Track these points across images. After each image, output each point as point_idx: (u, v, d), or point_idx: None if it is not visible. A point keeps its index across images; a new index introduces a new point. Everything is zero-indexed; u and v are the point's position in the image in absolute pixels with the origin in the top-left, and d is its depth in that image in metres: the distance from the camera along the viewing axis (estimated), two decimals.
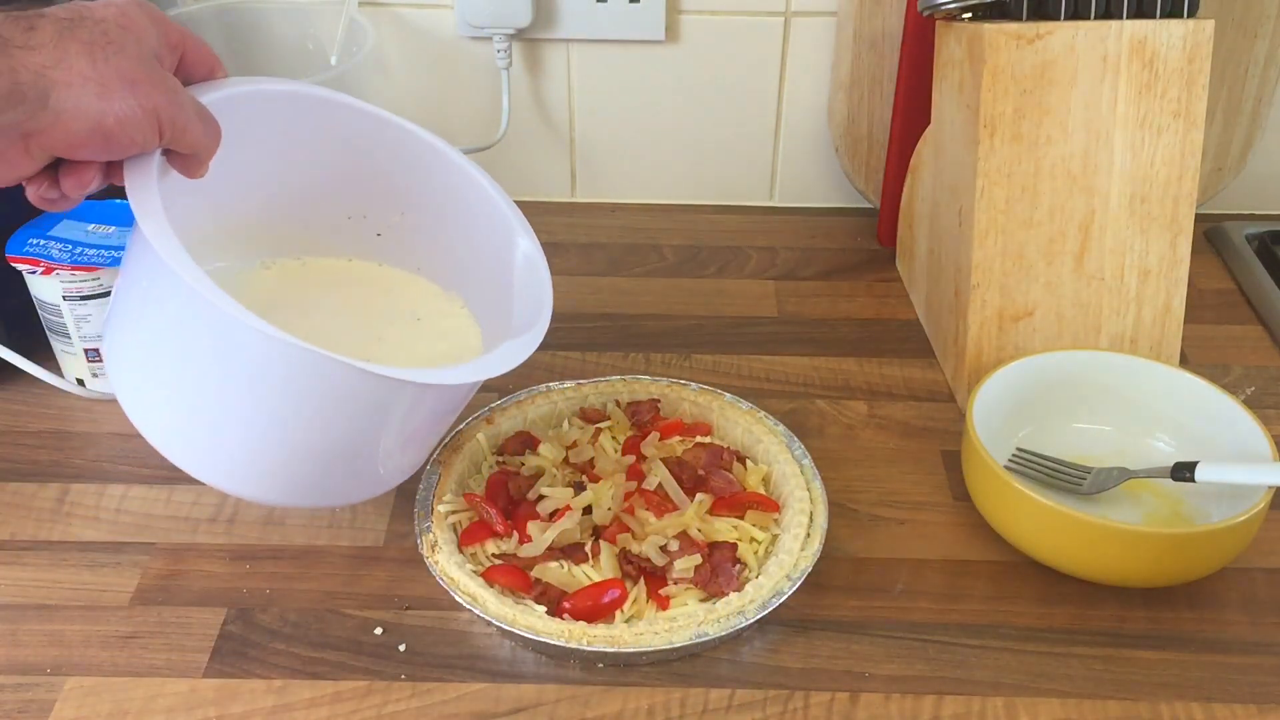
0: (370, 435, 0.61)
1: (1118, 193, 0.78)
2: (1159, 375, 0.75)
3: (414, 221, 0.75)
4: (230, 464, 0.61)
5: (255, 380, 0.57)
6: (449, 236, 0.75)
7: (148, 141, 0.53)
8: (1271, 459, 0.67)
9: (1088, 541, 0.64)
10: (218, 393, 0.58)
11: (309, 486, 0.63)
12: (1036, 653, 0.64)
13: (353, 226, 0.75)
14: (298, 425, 0.59)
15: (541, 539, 0.66)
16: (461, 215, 0.73)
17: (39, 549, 0.70)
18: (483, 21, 0.98)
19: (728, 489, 0.70)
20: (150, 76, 0.52)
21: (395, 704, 0.60)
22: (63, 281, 0.76)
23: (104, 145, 0.51)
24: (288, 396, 0.57)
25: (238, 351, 0.56)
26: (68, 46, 0.48)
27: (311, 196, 0.73)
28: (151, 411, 0.61)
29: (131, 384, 0.61)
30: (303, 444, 0.60)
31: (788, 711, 0.60)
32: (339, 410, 0.59)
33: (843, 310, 0.94)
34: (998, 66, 0.75)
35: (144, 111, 0.51)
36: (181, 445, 0.61)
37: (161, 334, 0.59)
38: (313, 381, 0.57)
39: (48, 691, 0.61)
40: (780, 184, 1.09)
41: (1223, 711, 0.60)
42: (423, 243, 0.76)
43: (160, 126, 0.52)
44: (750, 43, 1.01)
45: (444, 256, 0.76)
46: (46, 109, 0.48)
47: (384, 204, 0.74)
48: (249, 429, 0.59)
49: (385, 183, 0.73)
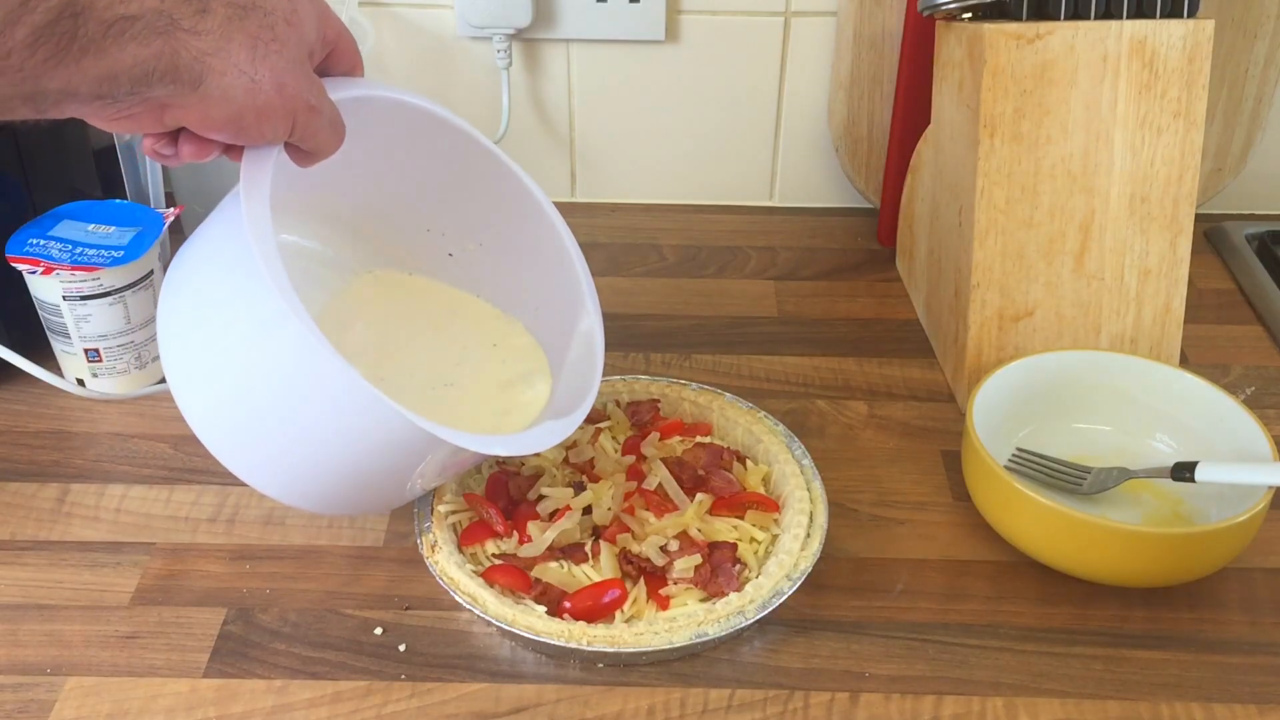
0: (418, 471, 0.62)
1: (1118, 193, 0.78)
2: (1159, 375, 0.75)
3: (489, 256, 0.75)
4: (274, 475, 0.61)
5: (327, 414, 0.57)
6: (519, 283, 0.75)
7: (276, 138, 0.54)
8: (1271, 459, 0.67)
9: (1088, 541, 0.64)
10: (287, 412, 0.58)
11: (338, 503, 0.64)
12: (1036, 653, 0.64)
13: (429, 241, 0.75)
14: (351, 456, 0.59)
15: (541, 539, 0.66)
16: (537, 267, 0.73)
17: (39, 549, 0.70)
18: (483, 21, 0.98)
19: (728, 489, 0.70)
20: (299, 80, 0.52)
21: (395, 704, 0.60)
22: (63, 281, 0.76)
23: (235, 134, 0.52)
24: (353, 434, 0.58)
25: (320, 389, 0.56)
26: (233, 36, 0.49)
27: (398, 206, 0.73)
28: (204, 402, 0.60)
29: (185, 370, 0.60)
30: (351, 471, 0.60)
31: (788, 711, 0.60)
32: (398, 453, 0.59)
33: (843, 310, 0.94)
34: (998, 66, 0.75)
35: (283, 113, 0.52)
36: (229, 444, 0.61)
37: (240, 337, 0.58)
38: (385, 432, 0.57)
39: (48, 691, 0.61)
40: (780, 184, 1.09)
41: (1223, 711, 0.60)
42: (489, 278, 0.76)
43: (293, 127, 0.53)
44: (750, 43, 1.01)
45: (506, 299, 0.76)
46: (196, 92, 0.48)
47: (465, 229, 0.74)
48: (304, 449, 0.59)
49: (473, 211, 0.73)
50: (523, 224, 0.72)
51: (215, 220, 0.60)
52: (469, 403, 0.71)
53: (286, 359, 0.56)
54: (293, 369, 0.56)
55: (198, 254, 0.60)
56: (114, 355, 0.80)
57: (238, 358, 0.58)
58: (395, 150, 0.68)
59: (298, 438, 0.58)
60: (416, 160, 0.70)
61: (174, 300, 0.60)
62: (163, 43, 0.46)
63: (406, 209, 0.73)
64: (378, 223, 0.74)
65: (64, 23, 0.43)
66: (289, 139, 0.55)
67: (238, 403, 0.59)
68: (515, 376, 0.73)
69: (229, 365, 0.59)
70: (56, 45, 0.43)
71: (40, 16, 0.42)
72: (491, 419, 0.70)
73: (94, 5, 0.44)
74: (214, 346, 0.59)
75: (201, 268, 0.60)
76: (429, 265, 0.76)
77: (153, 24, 0.45)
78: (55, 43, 0.43)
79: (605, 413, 0.77)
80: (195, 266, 0.60)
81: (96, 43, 0.44)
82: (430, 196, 0.72)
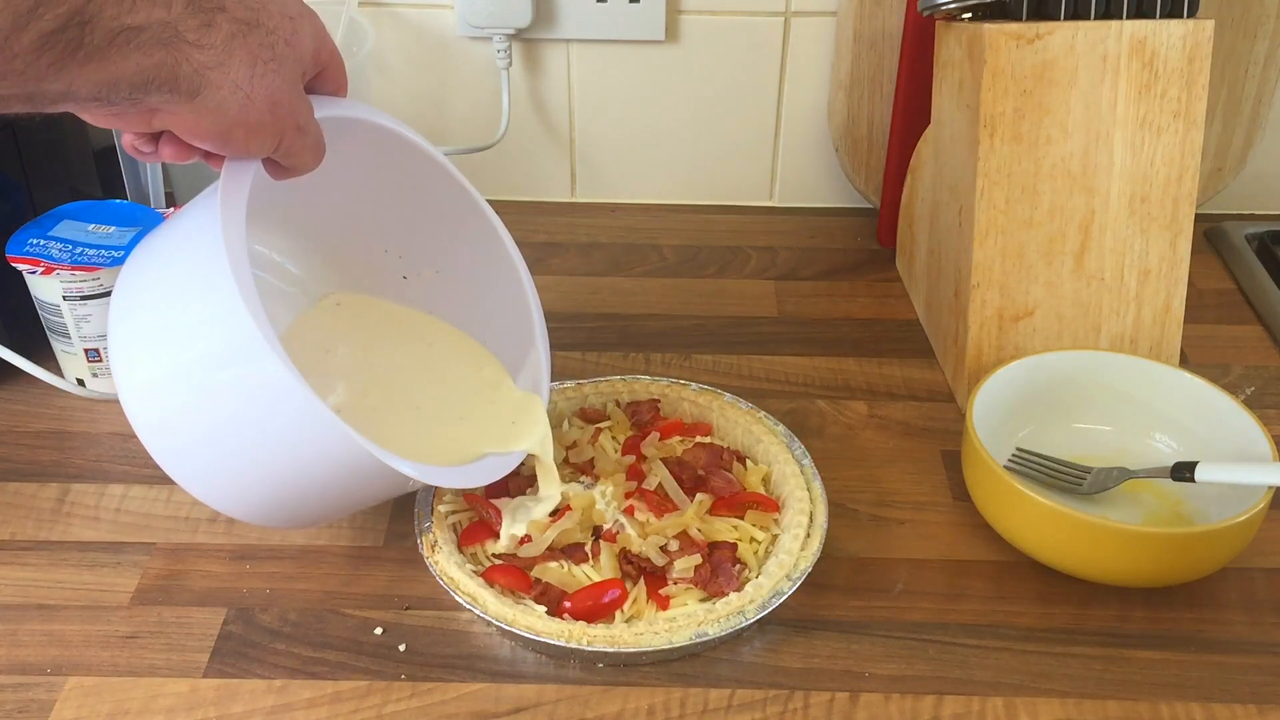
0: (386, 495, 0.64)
1: (1118, 193, 0.78)
2: (1159, 375, 0.75)
3: (443, 283, 0.75)
4: (237, 499, 0.61)
5: (288, 436, 0.57)
6: (470, 313, 0.75)
7: (261, 154, 0.55)
8: (1271, 459, 0.67)
9: (1088, 541, 0.64)
10: (252, 443, 0.58)
11: (282, 519, 0.64)
12: (1036, 653, 0.64)
13: (385, 263, 0.75)
14: (325, 487, 0.60)
15: (541, 539, 0.66)
16: (491, 299, 0.74)
17: (39, 549, 0.70)
18: (483, 21, 0.98)
19: (728, 489, 0.70)
20: (292, 101, 0.53)
21: (395, 704, 0.60)
22: (63, 281, 0.76)
23: (221, 145, 0.52)
24: (313, 458, 0.58)
25: (283, 414, 0.56)
26: (234, 51, 0.49)
27: (358, 225, 0.73)
28: (157, 422, 0.60)
29: (140, 388, 0.59)
30: (319, 497, 0.61)
31: (788, 711, 0.60)
32: (371, 485, 0.61)
33: (843, 310, 0.94)
34: (998, 66, 0.75)
35: (273, 131, 0.53)
36: (186, 467, 0.60)
37: (204, 361, 0.58)
38: (351, 463, 0.58)
39: (48, 691, 0.61)
40: (780, 184, 1.09)
41: (1223, 711, 0.60)
42: (440, 305, 0.76)
43: (279, 145, 0.54)
44: (750, 43, 1.01)
45: (458, 325, 0.76)
46: (191, 103, 0.49)
47: (423, 254, 0.75)
48: (272, 477, 0.59)
49: (432, 237, 0.74)
50: (481, 256, 0.73)
51: (188, 220, 0.60)
52: (467, 431, 0.71)
53: (252, 383, 0.56)
54: (260, 394, 0.56)
55: (165, 253, 0.60)
56: None
57: (196, 373, 0.58)
58: (362, 170, 0.68)
59: (245, 451, 0.58)
60: (382, 182, 0.70)
61: (133, 294, 0.60)
62: (165, 53, 0.46)
63: (366, 228, 0.73)
64: (337, 239, 0.74)
65: (71, 30, 0.43)
66: (272, 155, 0.55)
67: (188, 416, 0.58)
68: (507, 409, 0.73)
69: (184, 376, 0.58)
70: (62, 51, 0.43)
71: (48, 23, 0.42)
72: (493, 443, 0.70)
73: (101, 14, 0.44)
74: (169, 349, 0.59)
75: (169, 269, 0.59)
76: (383, 287, 0.76)
77: (158, 35, 0.46)
78: (61, 49, 0.43)
79: (605, 413, 0.77)
80: (162, 266, 0.60)
81: (101, 50, 0.44)
82: (391, 218, 0.73)
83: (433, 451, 0.66)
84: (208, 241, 0.55)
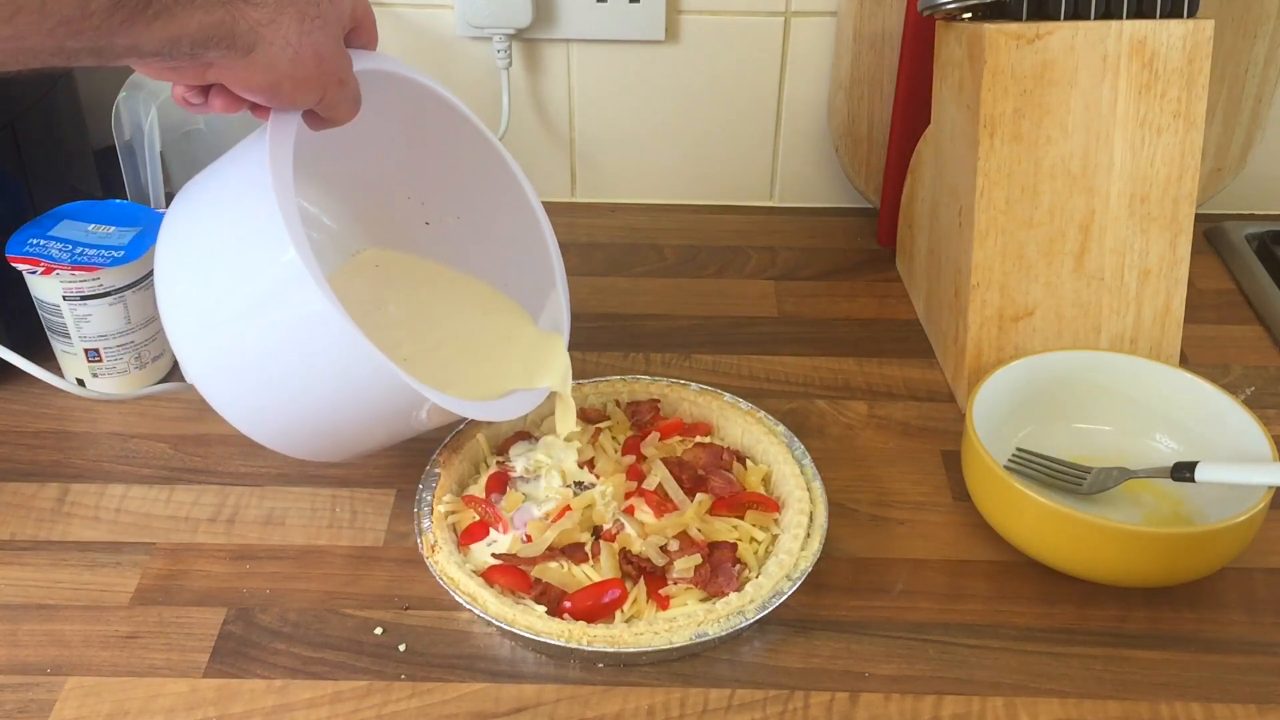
0: (417, 423, 0.67)
1: (1118, 193, 0.78)
2: (1159, 375, 0.75)
3: (465, 230, 0.79)
4: (278, 430, 0.65)
5: (335, 375, 0.60)
6: (491, 260, 0.79)
7: (305, 106, 0.58)
8: (1271, 459, 0.67)
9: (1088, 541, 0.64)
10: (297, 375, 0.61)
11: (343, 449, 0.68)
12: (1036, 653, 0.64)
13: (408, 208, 0.79)
14: (363, 420, 0.63)
15: (541, 539, 0.66)
16: (511, 247, 0.77)
17: (39, 549, 0.70)
18: (483, 21, 0.98)
19: (728, 489, 0.70)
20: (335, 56, 0.57)
21: (395, 704, 0.60)
22: (63, 281, 0.76)
23: (269, 98, 0.56)
24: (365, 400, 0.62)
25: (345, 367, 0.60)
26: (285, 9, 0.53)
27: (384, 173, 0.77)
28: (206, 354, 0.63)
29: (189, 320, 0.63)
30: (352, 429, 0.65)
31: (788, 711, 0.60)
32: (406, 418, 0.65)
33: (843, 310, 0.94)
34: (998, 66, 0.75)
35: (317, 85, 0.57)
36: (236, 404, 0.64)
37: (254, 298, 0.61)
38: (397, 401, 0.61)
39: (48, 691, 0.61)
40: (780, 184, 1.09)
41: (1223, 711, 0.60)
42: (462, 252, 0.79)
43: (321, 98, 0.58)
44: (750, 43, 1.01)
45: (479, 271, 0.79)
46: (245, 58, 0.53)
47: (446, 202, 0.78)
48: (314, 408, 0.63)
49: (457, 187, 0.77)
50: (501, 203, 0.76)
51: (235, 169, 0.62)
52: (494, 369, 0.74)
53: (303, 317, 0.59)
54: (309, 329, 0.59)
55: (212, 195, 0.63)
56: (114, 355, 0.80)
57: (246, 309, 0.61)
58: (390, 121, 0.71)
59: (294, 389, 0.62)
60: (407, 132, 0.73)
61: (181, 239, 0.63)
62: (224, 12, 0.50)
63: (390, 176, 0.77)
64: (364, 187, 0.77)
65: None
66: (315, 109, 0.59)
67: (238, 352, 0.62)
68: (534, 358, 0.76)
69: (234, 313, 0.62)
70: (132, 10, 0.47)
71: None
72: (518, 380, 0.74)
73: None
74: (219, 286, 0.62)
75: (216, 210, 0.63)
76: (406, 233, 0.79)
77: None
78: (132, 8, 0.47)
79: (605, 412, 0.77)
80: (211, 212, 0.63)
81: (168, 9, 0.48)
82: (414, 167, 0.76)
83: (464, 389, 0.68)
84: (258, 189, 0.58)
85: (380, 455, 0.77)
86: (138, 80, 0.80)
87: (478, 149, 0.74)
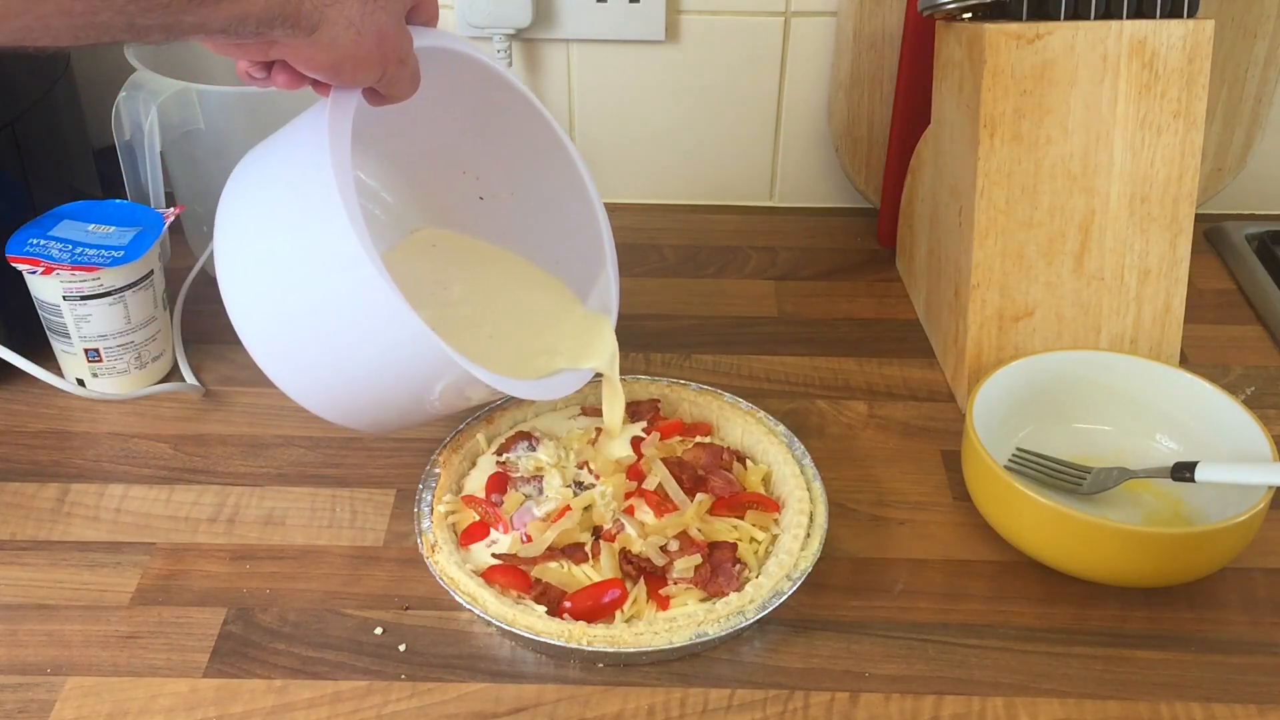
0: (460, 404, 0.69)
1: (1118, 193, 0.78)
2: (1159, 375, 0.75)
3: (519, 205, 0.79)
4: (329, 402, 0.66)
5: (395, 361, 0.61)
6: (544, 235, 0.79)
7: (366, 84, 0.59)
8: (1271, 459, 0.67)
9: (1088, 541, 0.64)
10: (349, 349, 0.62)
11: (388, 422, 0.69)
12: (1036, 653, 0.64)
13: (463, 183, 0.79)
14: (411, 394, 0.64)
15: (541, 539, 0.66)
16: (563, 222, 0.78)
17: (39, 549, 0.70)
18: (483, 21, 0.98)
19: (728, 489, 0.70)
20: (397, 35, 0.58)
21: (395, 704, 0.60)
22: (63, 281, 0.76)
23: (331, 76, 0.57)
24: (414, 377, 0.63)
25: (397, 347, 0.60)
26: None
27: (440, 147, 0.77)
28: (262, 327, 0.64)
29: (246, 293, 0.63)
30: (401, 403, 0.65)
31: (788, 711, 0.60)
32: (451, 393, 0.65)
33: (843, 310, 0.94)
34: (998, 66, 0.75)
35: (378, 64, 0.57)
36: (290, 374, 0.65)
37: (311, 273, 0.62)
38: (441, 374, 0.62)
39: (48, 691, 0.61)
40: (780, 184, 1.09)
41: (1223, 711, 0.60)
42: (515, 227, 0.80)
43: (382, 76, 0.58)
44: (750, 43, 1.01)
45: (530, 249, 0.80)
46: (309, 37, 0.53)
47: (501, 178, 0.79)
48: (365, 381, 0.63)
49: (512, 163, 0.77)
50: (555, 180, 0.76)
51: (294, 146, 0.63)
52: (542, 349, 0.75)
53: (358, 294, 0.59)
54: (359, 309, 0.60)
55: (272, 177, 0.64)
56: (114, 355, 0.80)
57: (302, 288, 0.62)
58: (447, 96, 0.71)
59: (343, 355, 0.62)
60: (464, 108, 0.74)
61: (239, 212, 0.64)
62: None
63: (447, 151, 0.78)
64: (420, 161, 0.78)
65: None
66: (375, 86, 0.59)
67: (293, 323, 0.63)
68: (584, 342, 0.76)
69: (291, 286, 0.62)
70: None
71: None
72: (566, 360, 0.74)
73: None
74: (275, 261, 0.63)
75: (277, 191, 0.63)
76: (461, 207, 0.80)
77: None
78: None
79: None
80: (270, 188, 0.63)
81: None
82: (470, 142, 0.77)
83: (511, 368, 0.68)
84: (316, 166, 0.58)
85: (380, 455, 0.77)
86: (138, 80, 0.80)
87: (534, 127, 0.74)
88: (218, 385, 0.84)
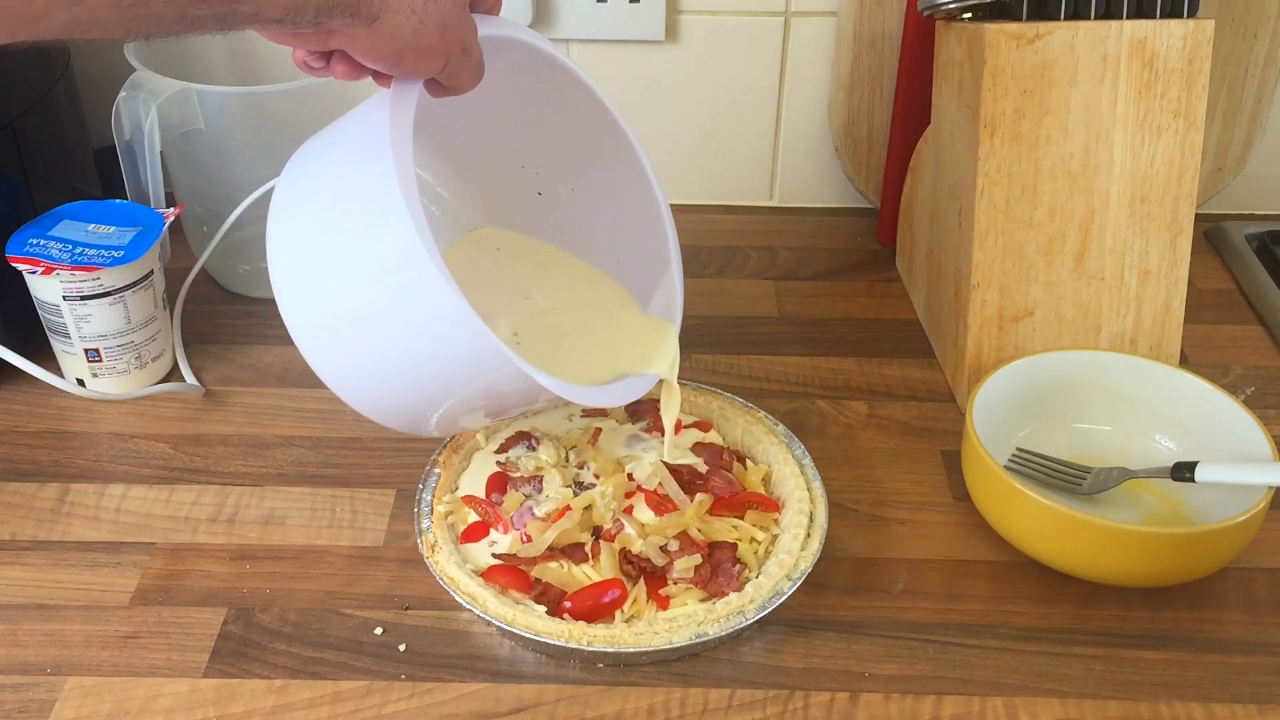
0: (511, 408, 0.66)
1: (1118, 193, 0.78)
2: (1159, 375, 0.75)
3: (578, 202, 0.76)
4: (373, 397, 0.62)
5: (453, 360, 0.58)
6: (605, 233, 0.76)
7: (428, 75, 0.57)
8: (1271, 459, 0.67)
9: (1088, 541, 0.64)
10: (405, 348, 0.59)
11: (443, 426, 0.65)
12: (1036, 653, 0.64)
13: (522, 177, 0.76)
14: (466, 397, 0.61)
15: (541, 539, 0.66)
16: (625, 219, 0.75)
17: (39, 549, 0.70)
18: None
19: (728, 489, 0.70)
20: (460, 25, 0.55)
21: (395, 704, 0.61)
22: (63, 281, 0.76)
23: (392, 66, 0.55)
24: (469, 379, 0.60)
25: (456, 349, 0.57)
26: None
27: (498, 141, 0.74)
28: (313, 321, 0.61)
29: (298, 286, 0.61)
30: (454, 406, 0.62)
31: (788, 711, 0.60)
32: (503, 398, 0.62)
33: (843, 310, 0.94)
34: (998, 66, 0.75)
35: (441, 54, 0.55)
36: (340, 372, 0.62)
37: (370, 268, 0.59)
38: (509, 383, 0.59)
39: (48, 691, 0.61)
40: (780, 184, 1.09)
41: (1223, 711, 0.60)
42: (575, 224, 0.77)
43: (444, 67, 0.56)
44: (750, 43, 1.01)
45: (591, 248, 0.77)
46: (369, 27, 0.51)
47: (560, 172, 0.76)
48: (418, 382, 0.60)
49: (572, 157, 0.74)
50: (617, 177, 0.74)
51: (354, 138, 0.61)
52: (604, 353, 0.72)
53: (418, 291, 0.57)
54: (417, 309, 0.57)
55: (331, 170, 0.61)
56: (114, 355, 0.80)
57: (359, 284, 0.59)
58: (508, 88, 0.69)
59: (398, 354, 0.59)
60: (524, 99, 0.71)
61: (295, 206, 0.61)
62: None
63: (506, 144, 0.75)
64: (478, 153, 0.75)
65: None
66: (437, 77, 0.57)
67: (347, 320, 0.60)
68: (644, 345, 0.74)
69: (348, 280, 0.59)
70: None
71: None
72: (628, 365, 0.71)
73: None
74: (331, 254, 0.60)
75: (335, 185, 0.61)
76: (519, 203, 0.77)
77: None
78: None
79: (606, 412, 0.77)
80: (328, 182, 0.61)
81: None
82: (530, 135, 0.74)
83: (572, 372, 0.66)
84: (378, 161, 0.56)
85: (380, 455, 0.77)
86: (138, 80, 0.80)
87: (597, 122, 0.71)
88: (218, 385, 0.84)
